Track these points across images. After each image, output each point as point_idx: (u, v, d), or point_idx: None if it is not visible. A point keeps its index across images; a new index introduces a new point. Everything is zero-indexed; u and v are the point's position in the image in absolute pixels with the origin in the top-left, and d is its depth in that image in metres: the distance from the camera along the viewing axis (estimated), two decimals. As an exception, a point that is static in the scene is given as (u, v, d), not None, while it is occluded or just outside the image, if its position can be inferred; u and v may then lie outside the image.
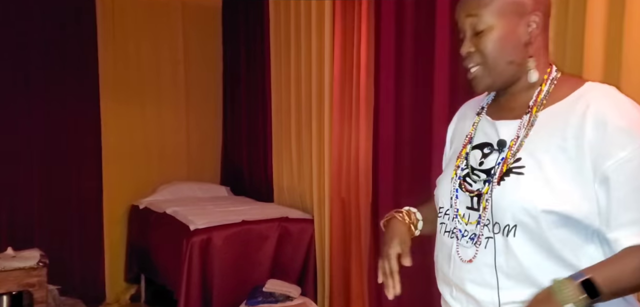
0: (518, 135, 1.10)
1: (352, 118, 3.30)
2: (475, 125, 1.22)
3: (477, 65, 1.12)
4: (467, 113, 1.30)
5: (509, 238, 1.05)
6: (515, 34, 1.10)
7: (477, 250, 1.10)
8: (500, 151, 1.11)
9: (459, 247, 1.14)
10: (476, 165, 1.15)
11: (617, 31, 1.74)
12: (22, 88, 4.17)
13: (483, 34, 1.10)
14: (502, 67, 1.11)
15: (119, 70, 4.58)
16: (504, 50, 1.10)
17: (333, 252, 3.49)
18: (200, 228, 3.37)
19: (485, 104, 1.25)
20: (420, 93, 2.70)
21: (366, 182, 3.17)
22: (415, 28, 2.73)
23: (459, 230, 1.14)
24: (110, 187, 4.54)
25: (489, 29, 1.09)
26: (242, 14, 4.76)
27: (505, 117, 1.15)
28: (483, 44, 1.10)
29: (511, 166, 1.07)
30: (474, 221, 1.11)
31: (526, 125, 1.09)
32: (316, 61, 3.61)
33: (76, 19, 4.34)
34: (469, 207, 1.14)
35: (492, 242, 1.07)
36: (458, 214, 1.15)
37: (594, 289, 0.95)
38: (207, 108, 5.13)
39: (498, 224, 1.07)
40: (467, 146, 1.21)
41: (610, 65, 1.76)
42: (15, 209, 4.17)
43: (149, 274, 4.24)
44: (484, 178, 1.12)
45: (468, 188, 1.14)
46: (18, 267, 3.34)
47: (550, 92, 1.11)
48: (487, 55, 1.10)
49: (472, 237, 1.11)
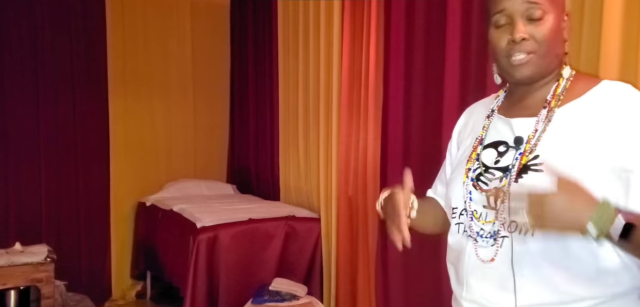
0: (536, 130, 1.08)
1: (360, 117, 3.28)
2: (486, 127, 1.20)
3: (530, 53, 1.08)
4: (475, 115, 1.28)
5: (527, 237, 1.03)
6: (561, 28, 1.10)
7: (497, 250, 1.07)
8: (516, 148, 1.09)
9: (478, 247, 1.11)
10: (491, 164, 1.13)
11: (635, 31, 1.71)
12: (30, 84, 4.19)
13: (540, 23, 1.07)
14: (550, 58, 1.09)
15: (128, 67, 4.60)
16: (555, 41, 1.08)
17: (340, 252, 3.48)
18: (207, 226, 3.37)
19: (496, 106, 1.23)
20: (430, 92, 2.67)
21: (374, 181, 3.15)
22: (426, 27, 2.70)
23: (476, 231, 1.12)
24: (118, 183, 4.56)
25: (546, 17, 1.07)
26: (251, 13, 4.76)
27: (521, 115, 1.13)
28: (540, 31, 1.07)
29: (529, 162, 1.05)
30: (491, 219, 1.09)
31: (544, 120, 1.07)
32: (324, 60, 3.60)
33: (85, 16, 4.35)
34: (485, 206, 1.11)
35: (509, 242, 1.05)
36: (474, 215, 1.13)
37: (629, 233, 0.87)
38: (214, 106, 5.13)
39: (515, 223, 1.05)
40: (478, 147, 1.18)
41: (626, 66, 1.74)
42: (23, 204, 4.19)
43: (155, 271, 4.24)
44: (500, 176, 1.10)
45: (483, 188, 1.12)
46: (26, 262, 3.35)
47: (567, 88, 1.09)
48: (541, 44, 1.07)
49: (491, 236, 1.09)
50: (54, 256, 3.49)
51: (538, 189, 0.93)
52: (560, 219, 0.89)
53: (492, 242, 1.08)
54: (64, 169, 4.33)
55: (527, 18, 1.07)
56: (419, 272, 2.73)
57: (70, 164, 4.35)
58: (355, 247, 3.36)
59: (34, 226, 4.16)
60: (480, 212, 1.12)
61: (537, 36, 1.07)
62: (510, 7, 1.08)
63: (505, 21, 1.09)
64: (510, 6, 1.08)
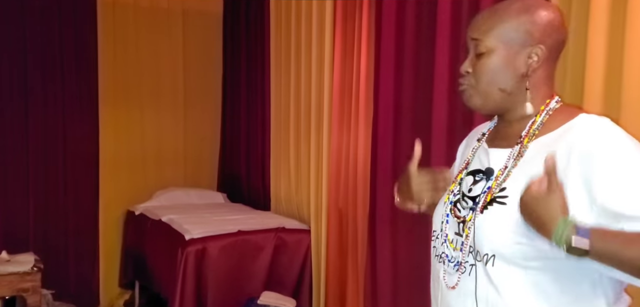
0: (506, 164, 1.09)
1: (351, 129, 3.29)
2: (474, 150, 1.22)
3: (468, 86, 1.13)
4: (473, 136, 1.30)
5: (488, 267, 1.04)
6: (513, 64, 1.08)
7: (460, 277, 1.09)
8: (487, 179, 1.11)
9: (446, 273, 1.13)
10: (466, 191, 1.15)
11: (617, 66, 1.73)
12: (20, 91, 4.15)
13: (482, 57, 1.10)
14: (492, 93, 1.11)
15: (119, 75, 4.57)
16: (497, 77, 1.09)
17: (329, 264, 3.47)
18: (195, 238, 3.35)
19: (487, 130, 1.24)
20: (419, 105, 2.69)
21: (364, 193, 3.15)
22: (416, 41, 2.72)
23: (446, 255, 1.14)
24: (107, 191, 4.52)
25: (488, 53, 1.09)
26: (243, 23, 4.76)
27: (499, 145, 1.14)
28: (479, 67, 1.10)
29: (496, 195, 1.06)
30: (459, 247, 1.11)
31: (516, 155, 1.08)
32: (316, 71, 3.60)
33: (76, 24, 4.33)
34: (456, 233, 1.13)
35: (474, 271, 1.07)
36: (447, 239, 1.15)
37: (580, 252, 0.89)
38: (206, 114, 5.11)
39: (479, 253, 1.06)
40: (463, 171, 1.20)
41: (609, 101, 1.75)
42: (10, 212, 4.14)
43: (143, 281, 4.21)
44: (471, 205, 1.11)
45: (457, 214, 1.14)
46: (12, 271, 3.33)
47: (544, 122, 1.09)
48: (479, 79, 1.11)
49: (456, 264, 1.10)
50: (40, 265, 3.46)
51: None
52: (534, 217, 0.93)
53: (457, 269, 1.10)
54: (52, 177, 4.29)
55: (474, 53, 1.12)
56: (409, 286, 2.73)
57: (59, 172, 4.32)
58: (345, 260, 3.35)
59: (22, 235, 4.11)
60: (452, 237, 1.14)
61: (476, 70, 1.11)
62: (466, 41, 1.15)
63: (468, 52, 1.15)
64: (467, 40, 1.14)
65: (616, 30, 1.74)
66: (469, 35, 1.14)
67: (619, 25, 1.73)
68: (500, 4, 1.14)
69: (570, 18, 1.87)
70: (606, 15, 1.76)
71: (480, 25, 1.11)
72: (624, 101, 1.70)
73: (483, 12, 1.15)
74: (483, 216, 1.06)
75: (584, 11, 1.82)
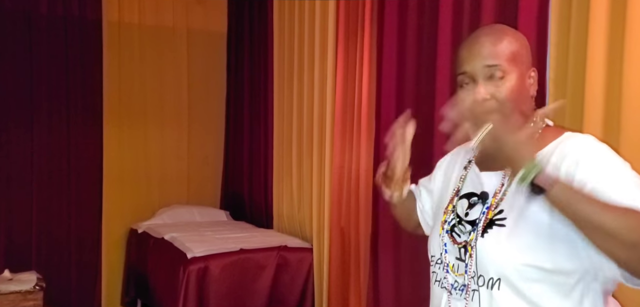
0: (502, 186, 1.09)
1: (353, 147, 3.29)
2: (463, 178, 1.22)
3: None
4: (458, 160, 1.29)
5: (493, 291, 1.04)
6: (525, 85, 1.11)
7: (467, 303, 1.08)
8: (483, 203, 1.11)
9: (451, 299, 1.13)
10: (463, 215, 1.15)
11: (618, 66, 1.73)
12: (25, 109, 4.18)
13: (501, 81, 1.07)
14: (516, 116, 1.08)
15: (123, 93, 4.61)
16: (519, 99, 1.08)
17: (331, 283, 3.44)
18: (197, 256, 3.34)
19: (472, 156, 1.23)
20: (421, 124, 2.67)
21: (366, 212, 3.14)
22: (418, 59, 2.74)
23: (450, 283, 1.13)
24: (110, 209, 4.52)
25: (508, 77, 1.08)
26: (247, 42, 4.80)
27: (490, 168, 1.14)
28: (500, 91, 1.07)
29: (494, 217, 1.07)
30: (462, 272, 1.10)
31: (510, 176, 1.07)
32: (318, 90, 3.62)
33: (82, 42, 4.37)
34: (457, 258, 1.12)
35: (478, 296, 1.06)
36: (449, 266, 1.14)
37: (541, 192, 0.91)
38: (209, 133, 5.13)
39: (482, 277, 1.06)
40: (455, 198, 1.20)
41: (609, 101, 1.75)
42: (13, 230, 4.15)
43: (145, 299, 4.18)
44: (469, 229, 1.11)
45: (456, 239, 1.13)
46: (14, 290, 3.31)
47: None
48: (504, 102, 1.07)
49: (461, 289, 1.10)
50: (43, 284, 3.45)
51: None
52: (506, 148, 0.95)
53: (463, 294, 1.09)
54: (55, 195, 4.29)
55: (488, 78, 1.08)
56: (411, 305, 2.70)
57: (63, 190, 4.32)
58: (347, 279, 3.33)
59: (24, 252, 4.11)
60: (454, 263, 1.13)
61: (498, 96, 1.07)
62: (471, 70, 1.10)
63: (469, 82, 1.11)
64: (470, 69, 1.10)
65: (616, 31, 1.74)
66: (477, 61, 1.09)
67: (619, 26, 1.73)
68: (492, 30, 1.15)
69: (571, 18, 1.88)
70: (606, 15, 1.76)
71: (492, 51, 1.08)
72: (624, 101, 1.70)
73: (483, 40, 1.11)
74: (484, 239, 1.06)
75: (584, 11, 1.82)
